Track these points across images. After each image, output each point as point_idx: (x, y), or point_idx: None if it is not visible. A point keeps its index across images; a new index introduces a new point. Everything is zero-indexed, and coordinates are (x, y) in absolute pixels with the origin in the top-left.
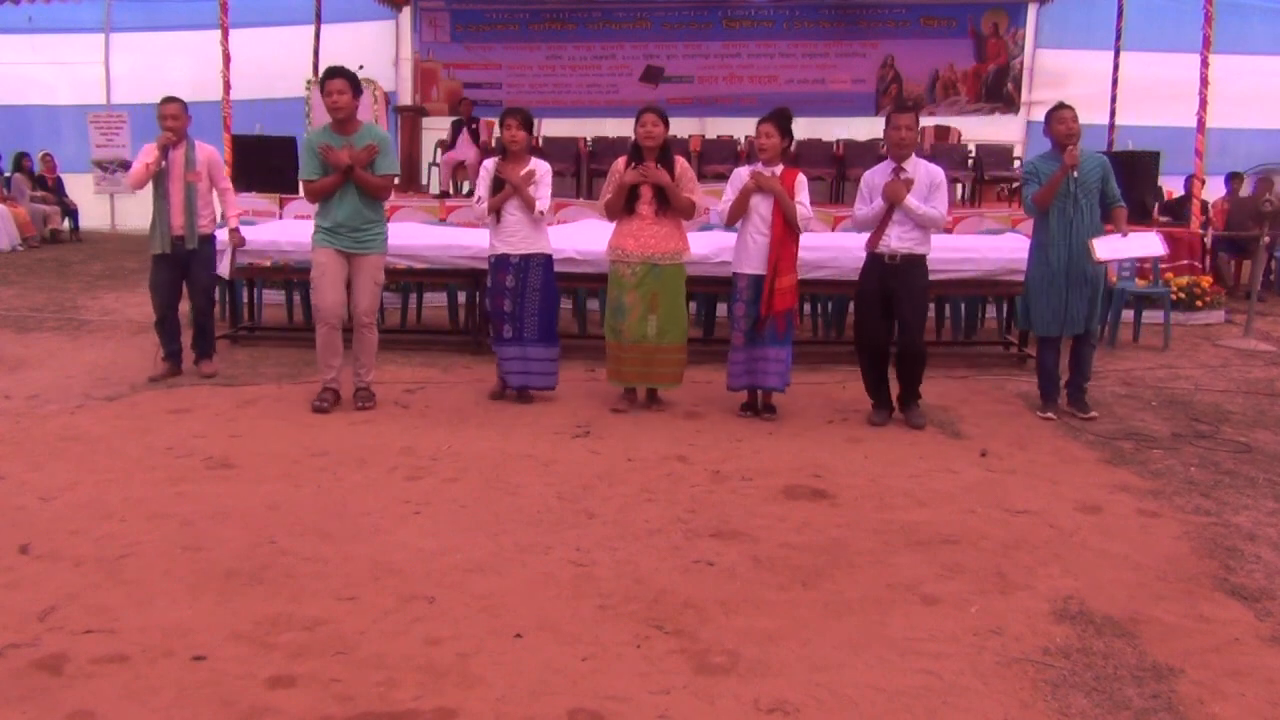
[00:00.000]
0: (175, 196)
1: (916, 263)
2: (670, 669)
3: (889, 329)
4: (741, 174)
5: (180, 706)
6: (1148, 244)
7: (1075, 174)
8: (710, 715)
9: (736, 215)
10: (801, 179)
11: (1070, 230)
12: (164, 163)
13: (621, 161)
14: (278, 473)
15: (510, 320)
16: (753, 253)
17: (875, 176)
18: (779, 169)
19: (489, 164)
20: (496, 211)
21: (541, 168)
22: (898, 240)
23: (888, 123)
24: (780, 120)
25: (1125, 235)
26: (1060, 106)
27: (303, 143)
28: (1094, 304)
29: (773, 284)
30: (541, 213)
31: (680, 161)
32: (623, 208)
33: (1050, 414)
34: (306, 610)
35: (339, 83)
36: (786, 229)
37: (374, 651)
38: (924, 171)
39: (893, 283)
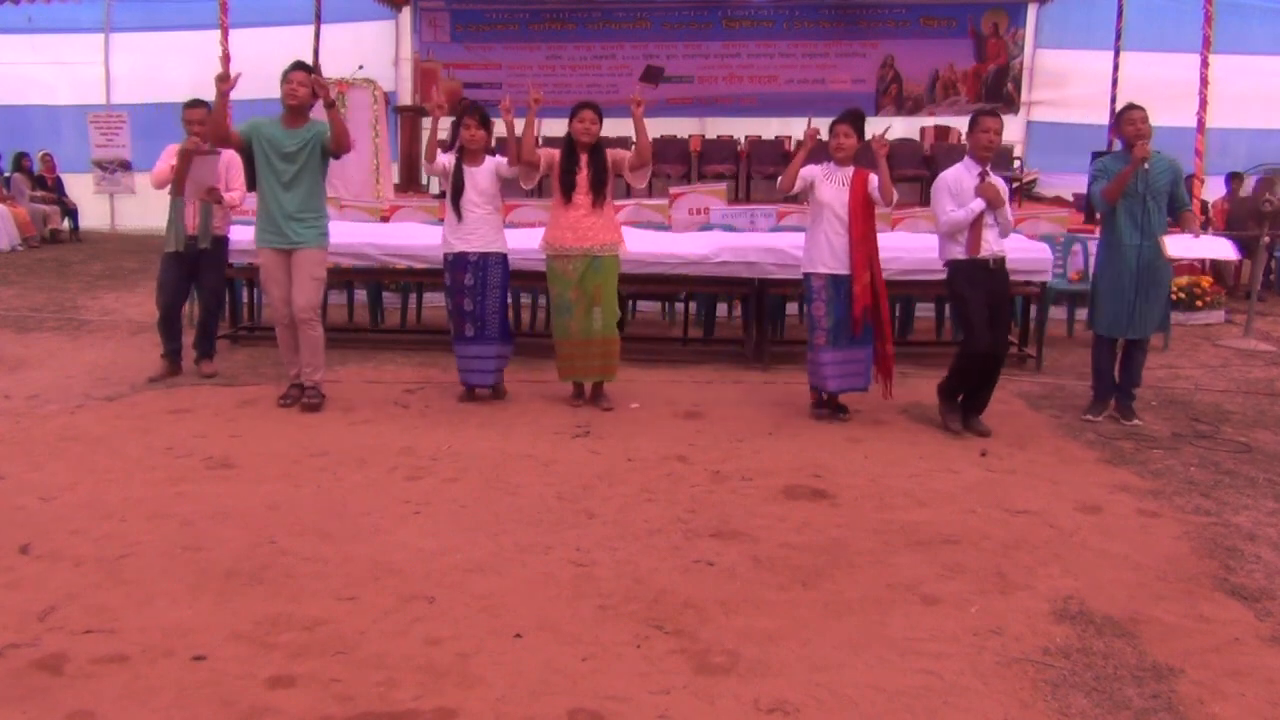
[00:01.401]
0: (192, 197)
1: (1005, 269)
2: (670, 669)
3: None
4: (814, 171)
5: (180, 706)
6: (1219, 247)
7: (1146, 172)
8: (710, 715)
9: (791, 180)
10: (873, 177)
11: (1139, 232)
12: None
13: (555, 153)
14: (278, 473)
15: (472, 319)
16: (827, 253)
17: (963, 179)
18: (851, 169)
19: (447, 159)
20: (456, 209)
21: (499, 163)
22: (996, 243)
23: (974, 125)
24: (856, 121)
25: (1197, 236)
26: (1130, 107)
27: (249, 119)
28: (1163, 306)
29: (873, 281)
30: (532, 164)
31: (610, 151)
32: (560, 197)
33: (1093, 416)
34: (306, 610)
35: (300, 75)
36: (865, 228)
37: (374, 651)
38: (999, 177)
39: (996, 286)
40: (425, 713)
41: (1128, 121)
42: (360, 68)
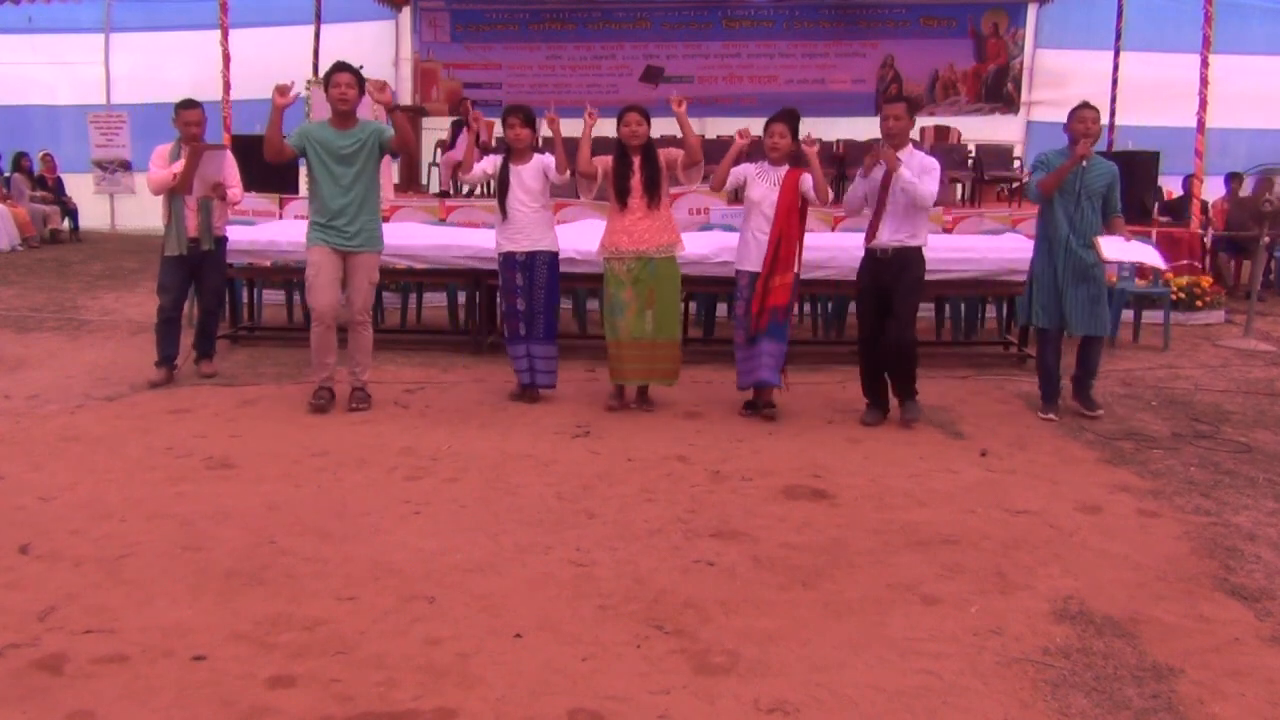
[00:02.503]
0: (191, 199)
1: (910, 255)
2: (670, 669)
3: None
4: (747, 169)
5: (180, 706)
6: (1148, 254)
7: (1084, 172)
8: (710, 715)
9: (721, 180)
10: (806, 177)
11: (1072, 229)
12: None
13: (608, 158)
14: (278, 473)
15: (525, 318)
16: (754, 251)
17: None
18: (785, 169)
19: (494, 160)
20: (503, 209)
21: (546, 161)
22: (890, 235)
23: (879, 113)
24: (791, 120)
25: (1129, 240)
26: (1084, 106)
27: (296, 129)
28: (1100, 305)
29: (767, 281)
30: (573, 172)
31: (662, 151)
32: (615, 203)
33: (1051, 415)
34: (306, 610)
35: (347, 76)
36: (786, 228)
37: (374, 651)
38: (918, 160)
39: (886, 277)
40: (425, 713)
41: (1078, 120)
42: (360, 67)
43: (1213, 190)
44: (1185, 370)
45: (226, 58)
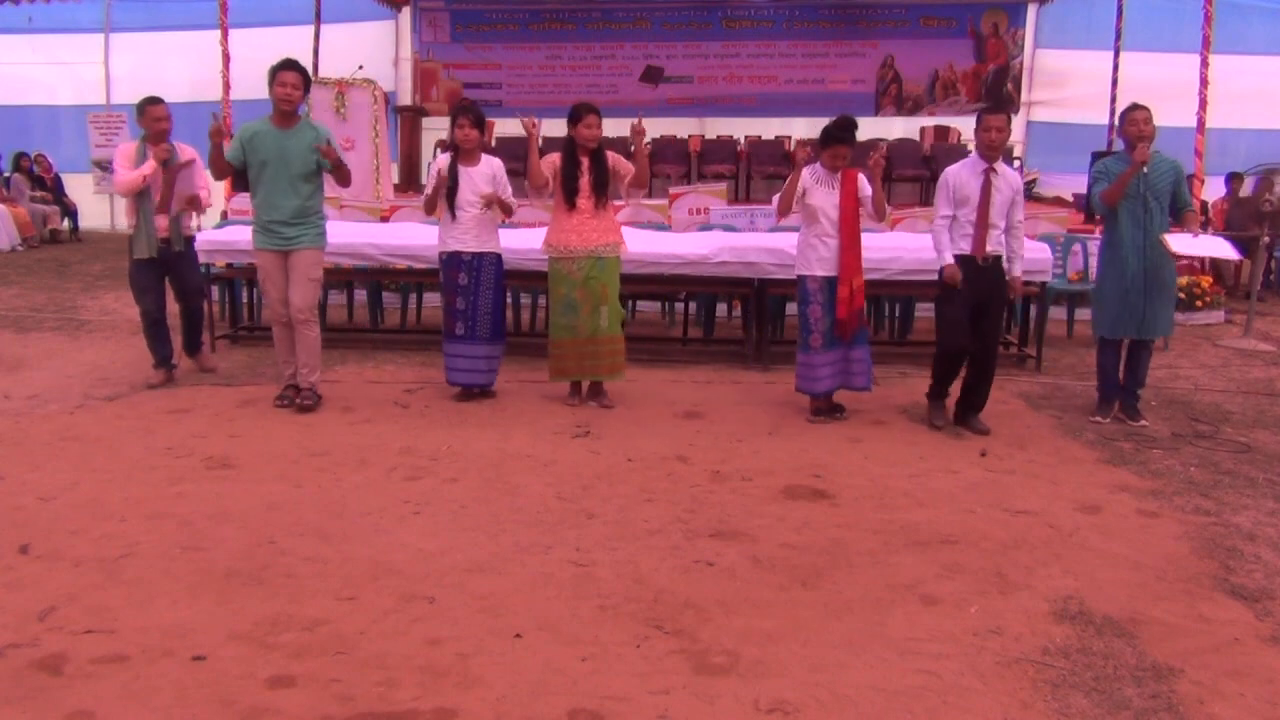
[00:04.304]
0: (158, 200)
1: (1000, 266)
2: (670, 669)
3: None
4: (804, 180)
5: (180, 706)
6: (1219, 246)
7: (1146, 174)
8: (710, 715)
9: (788, 206)
10: (864, 183)
11: (1142, 233)
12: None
13: (556, 156)
14: (277, 473)
15: (463, 318)
16: (823, 254)
17: (964, 176)
18: (839, 172)
19: (443, 161)
20: (451, 209)
21: (495, 165)
22: (994, 244)
23: (979, 123)
24: (851, 134)
25: (1197, 235)
26: (1134, 108)
27: (237, 129)
28: (1170, 307)
29: (851, 285)
30: (512, 210)
31: (610, 154)
32: (563, 202)
33: (1101, 418)
34: (306, 610)
35: (293, 75)
36: (854, 230)
37: (374, 651)
38: (1011, 177)
39: (985, 286)
40: (425, 713)
41: (1130, 122)
42: (360, 67)
43: (1213, 190)
44: (1185, 370)
45: (226, 58)
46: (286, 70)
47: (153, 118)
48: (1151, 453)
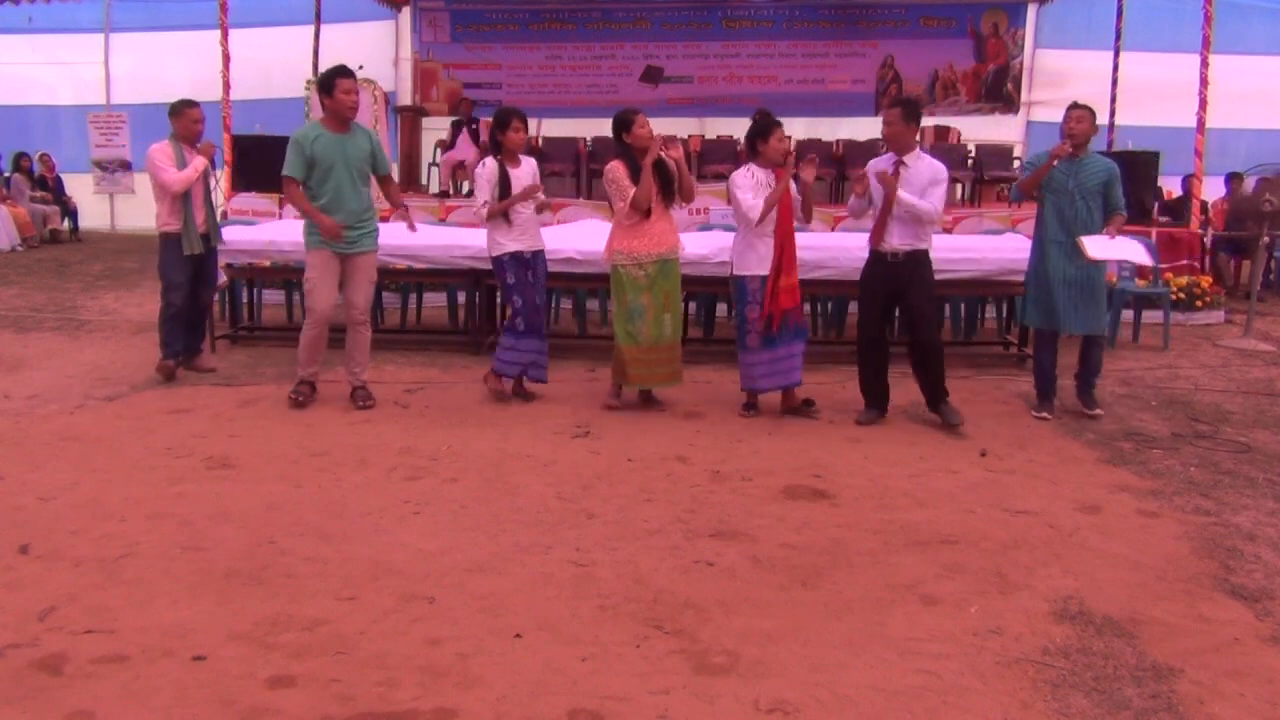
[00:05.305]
0: (197, 197)
1: (920, 257)
2: (670, 669)
3: (888, 327)
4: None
5: (180, 706)
6: (1134, 250)
7: (1076, 172)
8: (710, 715)
9: (764, 215)
10: (792, 183)
11: (1066, 230)
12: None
13: (620, 166)
14: (277, 473)
15: (524, 314)
16: (762, 254)
17: (876, 165)
18: (771, 171)
19: (491, 164)
20: (505, 212)
21: (534, 165)
22: (899, 239)
23: (883, 117)
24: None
25: (1113, 237)
26: (1072, 106)
27: (292, 138)
28: (1094, 304)
29: (776, 282)
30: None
31: (673, 157)
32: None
33: (1045, 414)
34: (306, 610)
35: (351, 83)
36: (788, 229)
37: (374, 651)
38: (926, 166)
39: (898, 280)
40: (425, 713)
41: (1065, 118)
42: (360, 67)
43: (1213, 190)
44: (1185, 370)
45: (226, 58)
46: (345, 77)
47: (192, 119)
48: (1151, 453)
